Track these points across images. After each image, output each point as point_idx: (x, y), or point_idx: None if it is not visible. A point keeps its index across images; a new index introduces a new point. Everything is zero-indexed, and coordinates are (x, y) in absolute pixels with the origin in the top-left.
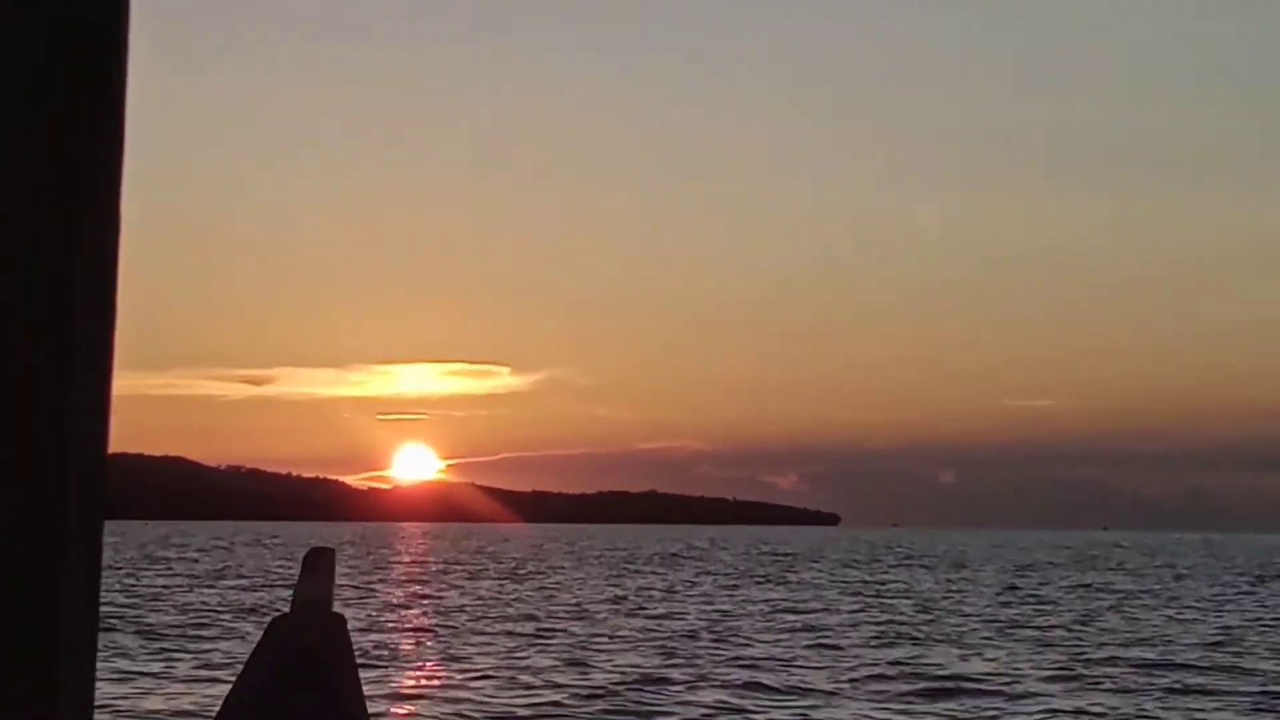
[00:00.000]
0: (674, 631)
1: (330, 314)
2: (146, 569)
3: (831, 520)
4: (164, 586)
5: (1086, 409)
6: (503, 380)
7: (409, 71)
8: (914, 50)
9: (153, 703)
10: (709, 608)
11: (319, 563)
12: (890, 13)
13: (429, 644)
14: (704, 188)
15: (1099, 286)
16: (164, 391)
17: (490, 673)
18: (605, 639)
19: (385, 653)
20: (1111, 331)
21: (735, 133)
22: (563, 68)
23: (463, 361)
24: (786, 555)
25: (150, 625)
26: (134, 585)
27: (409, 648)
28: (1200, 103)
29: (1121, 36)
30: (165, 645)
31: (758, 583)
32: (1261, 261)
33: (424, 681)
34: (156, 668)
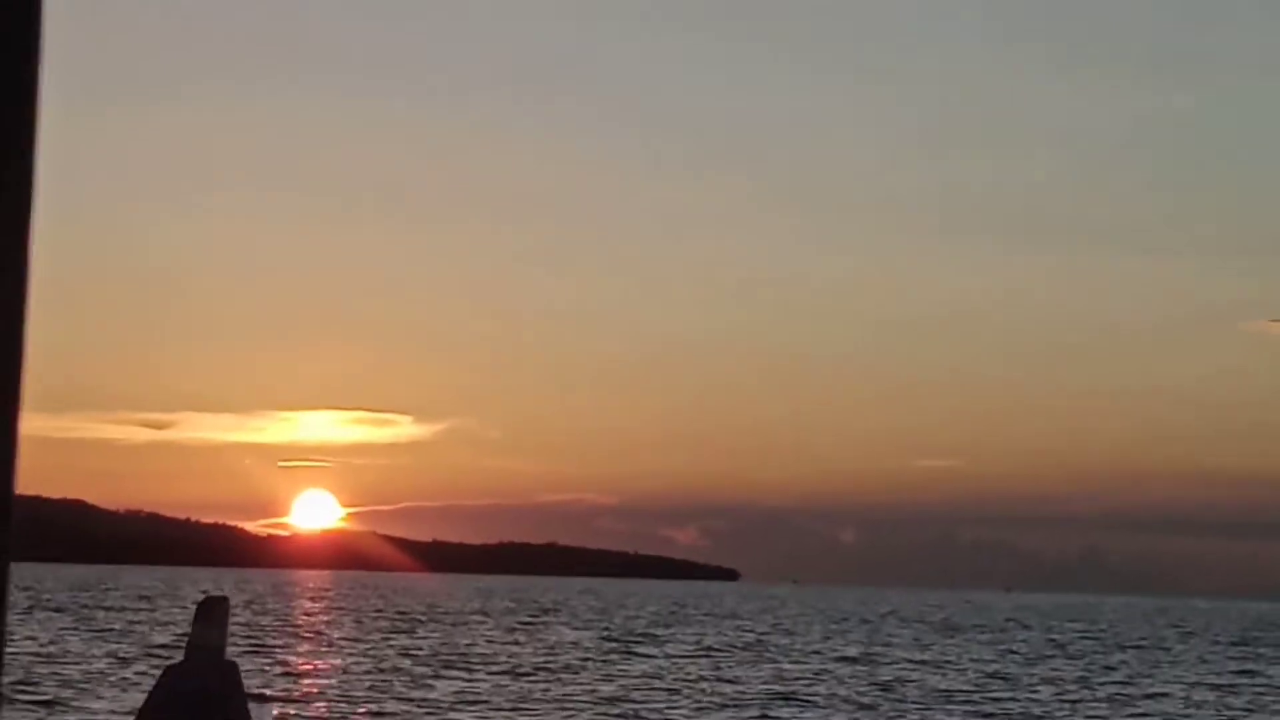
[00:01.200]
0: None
1: (232, 359)
2: (40, 615)
3: (731, 575)
4: (59, 632)
5: (989, 471)
6: (405, 429)
7: (316, 117)
8: (815, 111)
9: None
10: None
11: (213, 610)
12: (792, 75)
13: (314, 692)
14: (611, 242)
15: (1003, 349)
16: (64, 434)
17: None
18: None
19: (276, 699)
20: (1015, 394)
21: (642, 188)
22: (473, 115)
23: (365, 409)
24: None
25: (40, 675)
26: (27, 632)
27: (300, 695)
28: (1102, 168)
29: (1022, 98)
30: (55, 694)
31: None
32: (1163, 327)
33: None
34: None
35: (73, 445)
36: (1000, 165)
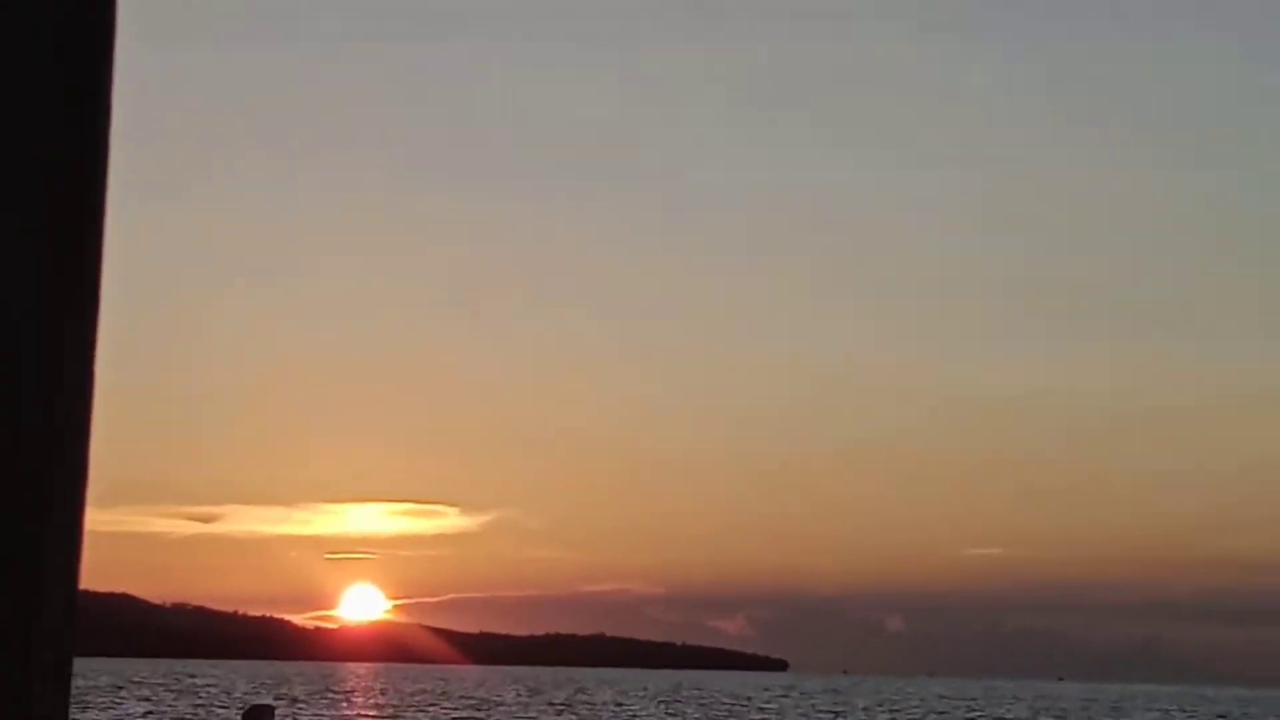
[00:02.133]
0: None
1: (278, 452)
2: (91, 707)
3: (780, 666)
4: None
5: (1039, 558)
6: (451, 520)
7: (358, 207)
8: (873, 195)
9: None
10: None
11: (261, 719)
12: (848, 157)
13: None
14: (656, 332)
15: (1054, 436)
16: (110, 528)
17: None
18: None
19: None
20: (1065, 480)
21: (690, 278)
22: (519, 208)
23: (411, 501)
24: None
25: None
26: None
27: None
28: (1154, 255)
29: (1091, 186)
30: None
31: None
32: (1219, 413)
33: None
34: None
35: (119, 539)
36: (1048, 250)
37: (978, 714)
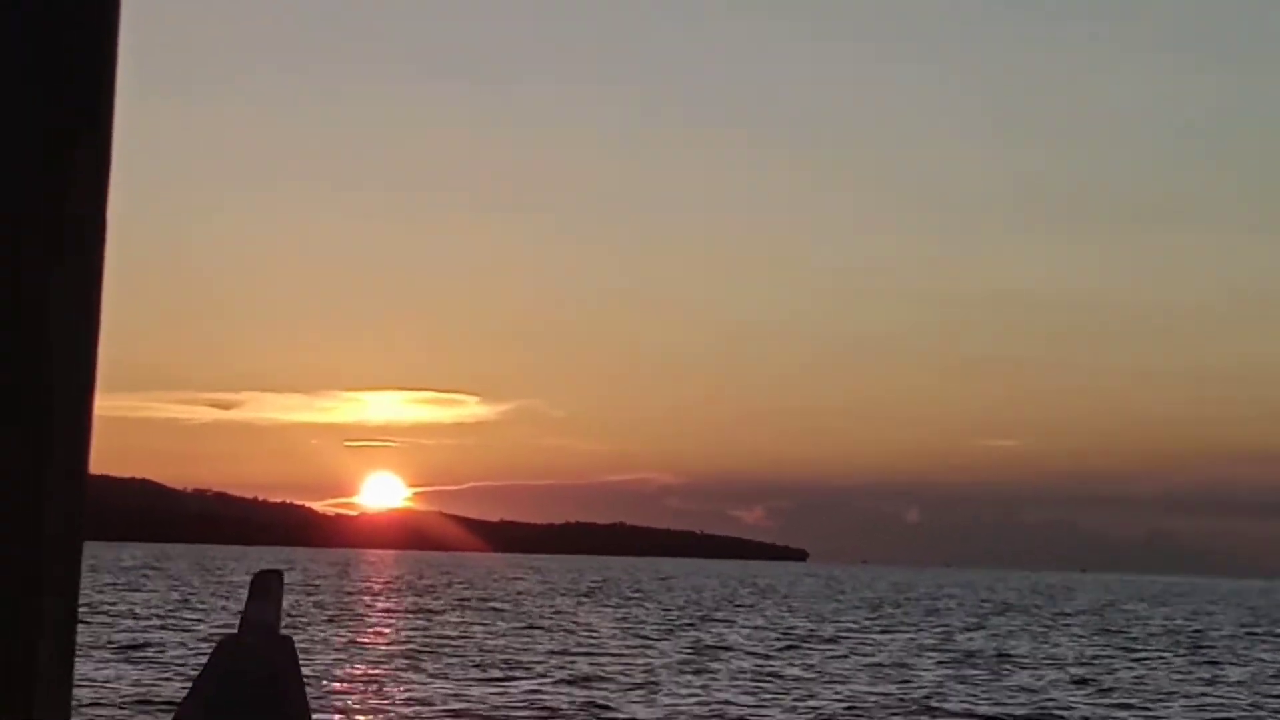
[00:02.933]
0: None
1: (299, 340)
2: (103, 590)
3: (800, 556)
4: (117, 606)
5: (1051, 450)
6: (471, 409)
7: (384, 109)
8: (878, 98)
9: None
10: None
11: (267, 586)
12: (856, 61)
13: (381, 671)
14: (675, 228)
15: (1065, 329)
16: (130, 413)
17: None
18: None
19: (340, 677)
20: (1075, 375)
21: (706, 175)
22: (535, 105)
23: (431, 390)
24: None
25: (92, 643)
26: (93, 605)
27: (360, 673)
28: (1162, 150)
29: (1091, 85)
30: (112, 662)
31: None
32: (1229, 307)
33: (370, 704)
34: (102, 682)
35: (140, 424)
36: (1062, 150)
37: (1067, 607)
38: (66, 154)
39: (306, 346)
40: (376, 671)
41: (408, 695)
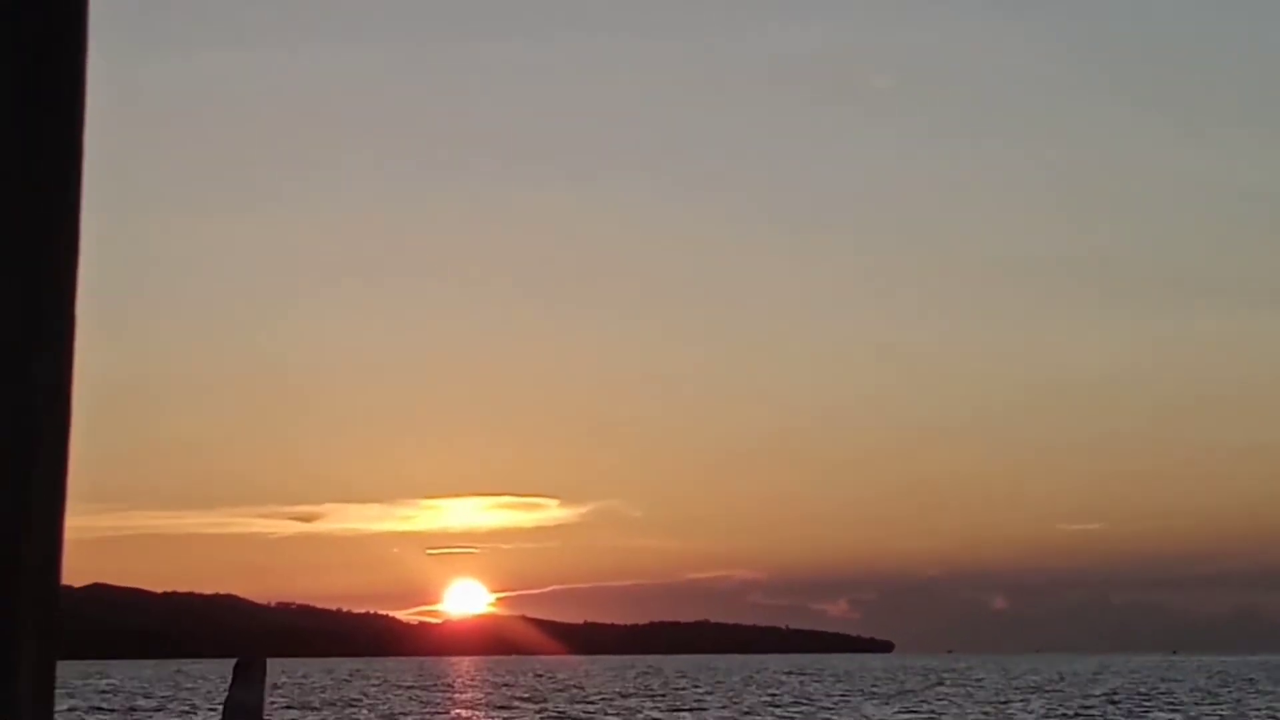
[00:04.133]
0: None
1: (377, 450)
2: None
3: (886, 648)
4: None
5: (1136, 532)
6: (551, 512)
7: (455, 207)
8: (952, 179)
9: None
10: None
11: (250, 670)
12: (924, 142)
13: None
14: (750, 319)
15: (1145, 410)
16: (213, 530)
17: None
18: None
19: None
20: (1157, 454)
21: (780, 266)
22: (614, 197)
23: (510, 494)
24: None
25: None
26: None
27: None
28: (1244, 229)
29: (1165, 163)
30: None
31: None
32: None
33: None
34: None
35: (222, 540)
36: (1137, 227)
37: (1162, 690)
38: (39, 214)
39: (384, 455)
40: None
41: None
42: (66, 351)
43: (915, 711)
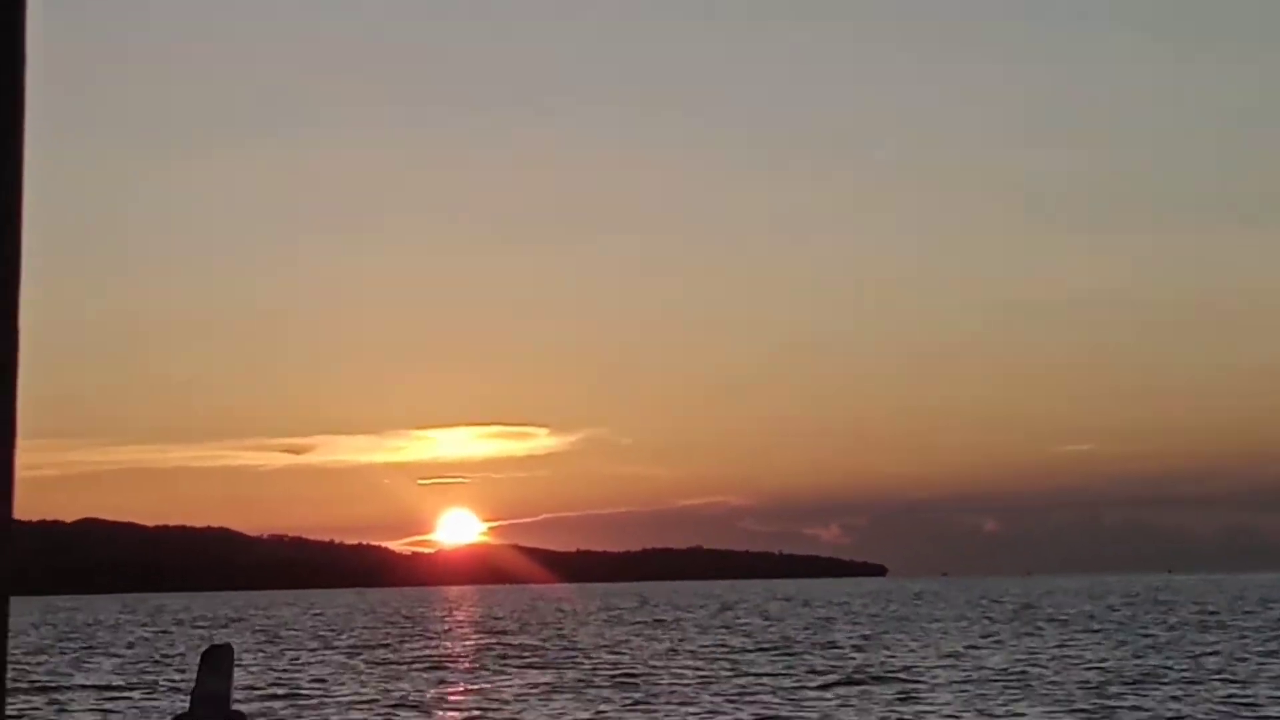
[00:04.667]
0: None
1: (367, 381)
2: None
3: (879, 571)
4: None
5: (1131, 452)
6: (541, 441)
7: (444, 146)
8: (941, 104)
9: None
10: None
11: (219, 659)
12: (909, 69)
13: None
14: (738, 248)
15: (1136, 331)
16: (204, 463)
17: None
18: None
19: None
20: (1149, 375)
21: (765, 194)
22: (594, 133)
23: (500, 424)
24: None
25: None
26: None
27: None
28: (1235, 145)
29: (1150, 82)
30: None
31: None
32: None
33: None
34: None
35: (213, 473)
36: (1127, 146)
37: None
38: None
39: (374, 387)
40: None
41: None
42: (10, 305)
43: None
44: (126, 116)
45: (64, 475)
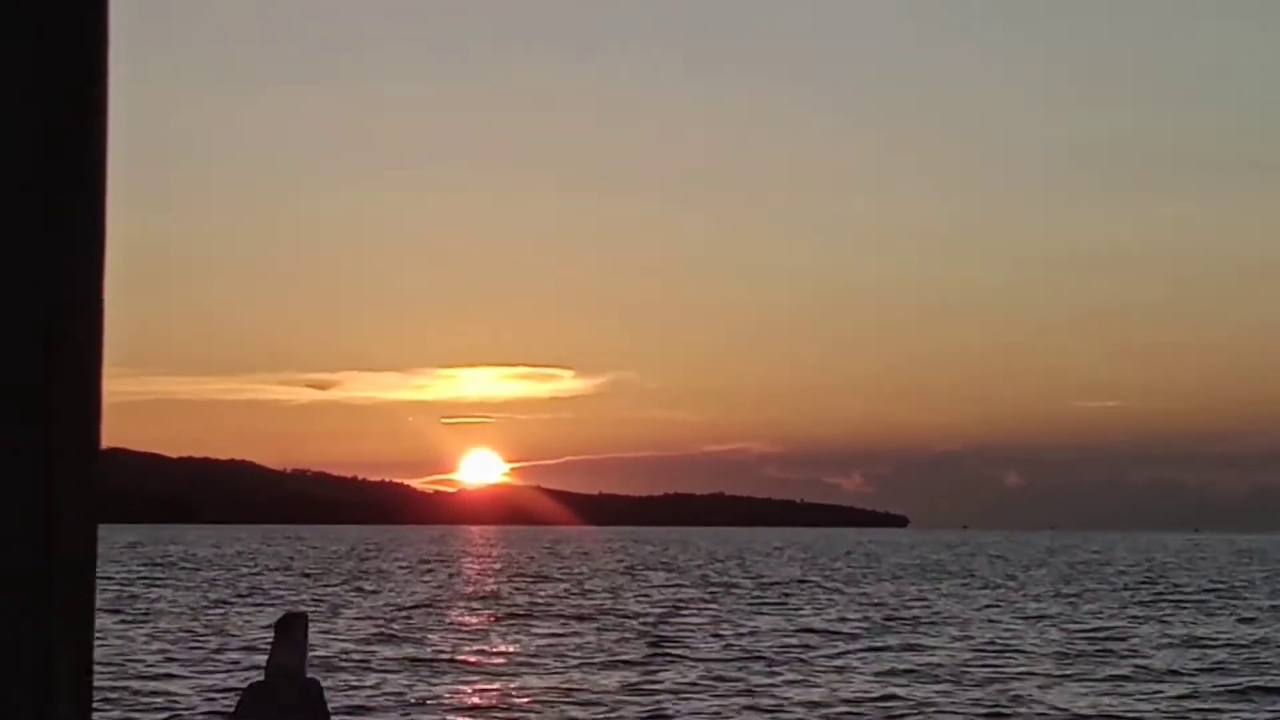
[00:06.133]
0: None
1: (394, 319)
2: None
3: (900, 522)
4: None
5: (1155, 408)
6: (566, 383)
7: (478, 91)
8: (972, 62)
9: None
10: None
11: (293, 629)
12: (947, 26)
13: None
14: (769, 196)
15: (1164, 287)
16: (230, 396)
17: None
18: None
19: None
20: (1179, 330)
21: (798, 144)
22: (628, 86)
23: (526, 365)
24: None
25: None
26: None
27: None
28: (1267, 105)
29: (1183, 43)
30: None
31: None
32: None
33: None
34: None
35: (239, 407)
36: (1153, 105)
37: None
38: (63, 149)
39: (402, 325)
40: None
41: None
42: (98, 255)
43: None
44: (175, 47)
45: None
